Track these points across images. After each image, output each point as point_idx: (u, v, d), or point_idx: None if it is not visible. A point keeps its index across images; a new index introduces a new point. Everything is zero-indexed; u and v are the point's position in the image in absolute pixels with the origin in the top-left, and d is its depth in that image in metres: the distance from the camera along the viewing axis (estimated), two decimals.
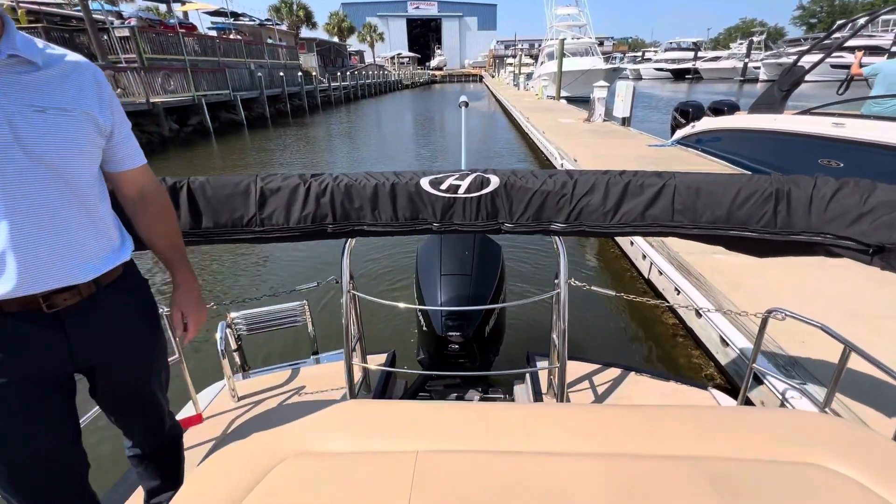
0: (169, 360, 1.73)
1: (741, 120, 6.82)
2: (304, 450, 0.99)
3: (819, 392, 2.00)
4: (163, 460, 1.39)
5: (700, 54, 49.36)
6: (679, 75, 48.46)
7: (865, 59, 5.89)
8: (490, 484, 0.86)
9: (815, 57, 6.15)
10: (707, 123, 7.71)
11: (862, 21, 6.27)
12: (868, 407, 1.93)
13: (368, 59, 58.87)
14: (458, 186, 1.44)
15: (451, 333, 1.97)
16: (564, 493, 0.83)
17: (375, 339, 3.17)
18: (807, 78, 5.96)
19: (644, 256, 3.90)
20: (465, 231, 1.48)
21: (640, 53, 72.37)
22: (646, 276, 3.93)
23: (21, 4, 16.48)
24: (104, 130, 0.98)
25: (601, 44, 40.04)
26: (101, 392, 1.14)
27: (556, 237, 1.62)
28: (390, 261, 4.91)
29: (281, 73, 23.62)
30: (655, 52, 64.66)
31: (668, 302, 2.65)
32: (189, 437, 1.80)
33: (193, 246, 1.46)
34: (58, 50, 0.95)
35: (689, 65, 47.20)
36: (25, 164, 0.85)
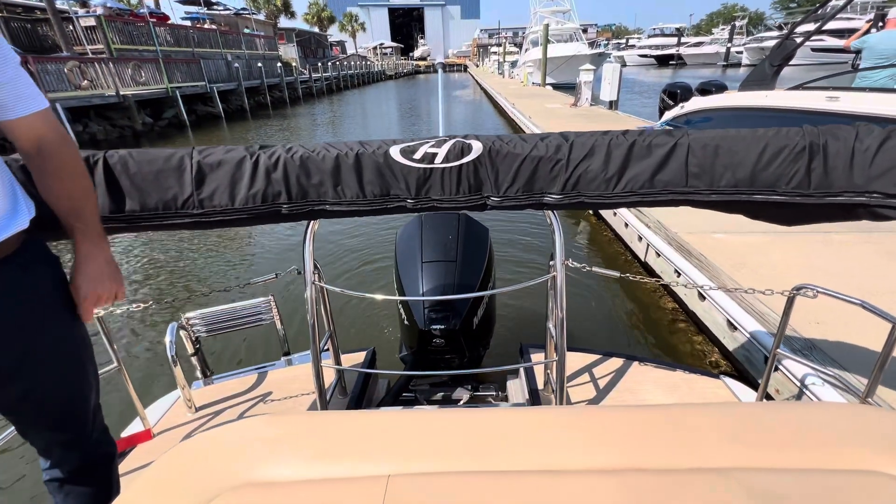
0: (107, 369, 1.48)
1: (732, 98, 6.67)
2: (247, 479, 0.76)
3: (847, 377, 1.82)
4: (90, 485, 1.14)
5: (683, 40, 49.59)
6: (663, 61, 48.63)
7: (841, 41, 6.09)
8: None
9: (802, 37, 6.06)
10: (696, 103, 7.54)
11: (841, 1, 6.24)
12: None
13: (350, 50, 57.83)
14: (434, 155, 1.21)
15: (434, 327, 1.76)
16: None
17: (353, 336, 2.93)
18: (790, 62, 5.89)
19: (640, 238, 3.71)
20: (445, 207, 1.25)
21: (623, 40, 72.35)
22: (642, 259, 3.75)
23: None
24: None
25: (585, 31, 39.84)
26: (2, 399, 0.94)
27: (550, 211, 1.40)
28: (368, 247, 4.65)
29: (259, 65, 22.96)
30: (639, 38, 64.78)
31: (678, 283, 2.45)
32: (137, 457, 1.57)
33: (116, 234, 1.22)
34: None
35: (672, 51, 47.36)
36: None
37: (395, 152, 1.22)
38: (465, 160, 1.21)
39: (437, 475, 0.73)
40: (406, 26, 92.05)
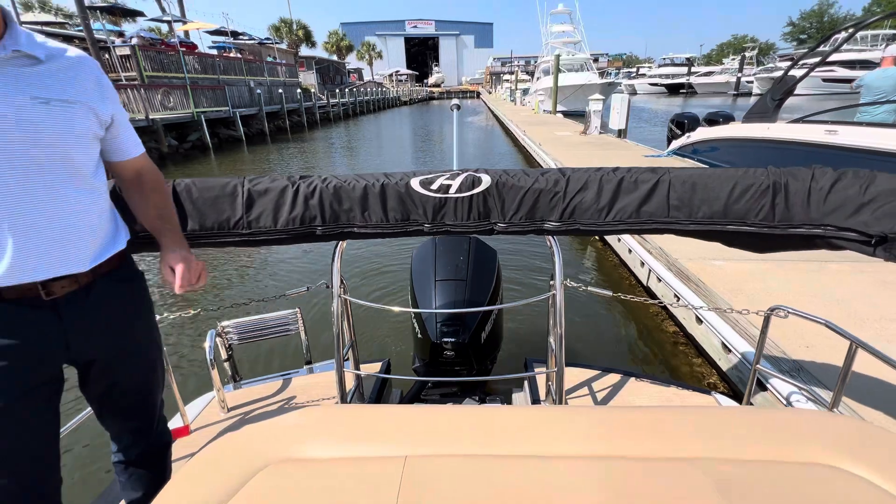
0: None
1: (735, 129, 6.87)
2: (287, 456, 0.94)
3: (826, 395, 1.95)
4: (149, 469, 1.33)
5: (693, 69, 50.22)
6: (673, 90, 49.21)
7: (856, 73, 6.25)
8: (482, 488, 0.81)
9: (804, 70, 6.29)
10: (702, 133, 7.77)
11: (842, 35, 6.45)
12: (876, 408, 1.87)
13: (367, 77, 59.73)
14: (448, 186, 1.42)
15: (445, 339, 1.93)
16: (561, 498, 0.78)
17: (370, 349, 3.12)
18: (800, 92, 6.07)
19: (643, 264, 3.87)
20: (457, 232, 1.45)
21: (634, 69, 73.60)
22: (644, 284, 3.89)
23: (24, 25, 16.72)
24: (104, 121, 1.01)
25: (596, 60, 40.74)
26: (93, 387, 1.13)
27: (550, 237, 1.59)
28: (385, 268, 4.88)
29: (280, 90, 23.91)
30: (650, 67, 65.79)
31: (664, 302, 2.61)
32: (176, 450, 1.74)
33: None
34: (59, 45, 0.98)
35: (683, 80, 47.98)
36: (30, 154, 0.87)
37: (415, 183, 1.43)
38: (475, 191, 1.42)
39: (447, 457, 0.90)
40: (421, 54, 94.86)
